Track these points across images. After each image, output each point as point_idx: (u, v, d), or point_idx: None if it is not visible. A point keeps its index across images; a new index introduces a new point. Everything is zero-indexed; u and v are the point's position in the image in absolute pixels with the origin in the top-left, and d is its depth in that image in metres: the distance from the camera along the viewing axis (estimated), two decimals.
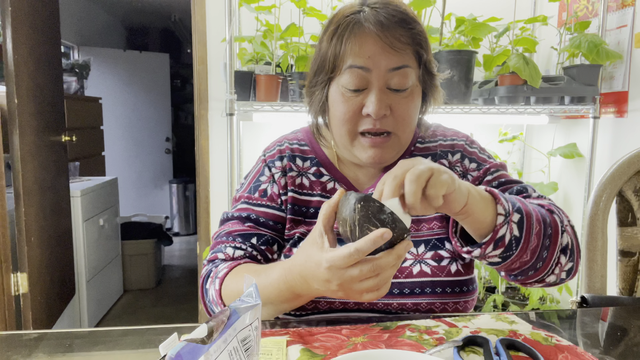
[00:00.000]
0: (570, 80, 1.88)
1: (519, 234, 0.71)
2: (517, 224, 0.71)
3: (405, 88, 0.79)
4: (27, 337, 0.71)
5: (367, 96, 0.78)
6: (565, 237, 0.76)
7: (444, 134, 0.93)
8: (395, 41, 0.76)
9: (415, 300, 0.82)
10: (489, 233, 0.71)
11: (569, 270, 0.78)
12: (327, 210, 0.65)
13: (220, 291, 0.78)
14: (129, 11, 5.01)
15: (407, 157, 0.90)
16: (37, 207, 2.17)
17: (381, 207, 0.60)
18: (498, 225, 0.70)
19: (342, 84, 0.79)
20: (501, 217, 0.70)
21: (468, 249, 0.73)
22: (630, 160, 1.01)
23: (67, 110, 2.90)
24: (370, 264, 0.60)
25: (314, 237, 0.66)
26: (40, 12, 2.30)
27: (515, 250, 0.71)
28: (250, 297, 0.50)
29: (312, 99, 0.86)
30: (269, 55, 1.91)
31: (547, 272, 0.76)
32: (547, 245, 0.74)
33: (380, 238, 0.58)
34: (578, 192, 2.10)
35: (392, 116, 0.79)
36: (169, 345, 0.41)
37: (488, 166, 0.88)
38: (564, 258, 0.76)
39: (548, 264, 0.75)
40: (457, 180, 0.66)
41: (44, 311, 2.24)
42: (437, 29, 1.93)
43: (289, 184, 0.89)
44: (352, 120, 0.80)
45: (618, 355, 0.67)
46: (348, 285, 0.62)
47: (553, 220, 0.76)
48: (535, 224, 0.72)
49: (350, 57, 0.77)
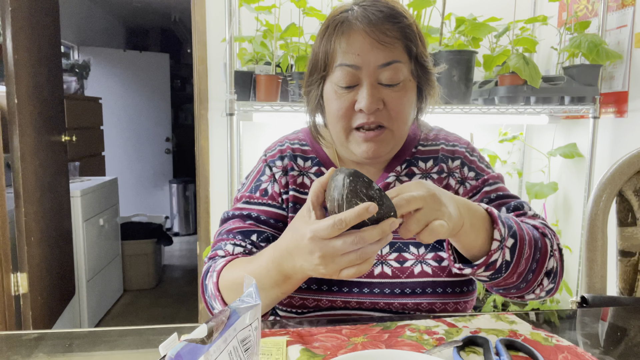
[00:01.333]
0: (570, 80, 1.88)
1: (510, 258, 0.72)
2: (510, 249, 0.72)
3: (397, 83, 0.79)
4: (27, 337, 0.71)
5: (359, 92, 0.79)
6: (552, 261, 0.77)
7: (446, 138, 0.94)
8: (383, 36, 0.77)
9: (416, 300, 0.82)
10: (480, 254, 0.72)
11: (549, 290, 0.80)
12: (316, 187, 0.65)
13: (218, 283, 0.78)
14: (129, 11, 5.01)
15: (408, 159, 0.90)
16: (37, 207, 2.17)
17: (370, 183, 0.60)
18: (492, 250, 0.70)
19: (334, 81, 0.80)
20: (496, 242, 0.71)
21: (460, 267, 0.73)
22: (630, 160, 1.01)
23: (67, 110, 2.90)
24: (353, 236, 0.59)
25: (302, 213, 0.66)
26: (40, 12, 2.30)
27: (504, 274, 0.73)
28: (250, 297, 0.50)
29: (309, 97, 0.87)
30: (269, 55, 1.91)
31: (528, 292, 0.78)
32: (534, 269, 0.75)
33: (365, 211, 0.58)
34: (578, 192, 2.10)
35: (385, 110, 0.80)
36: (169, 345, 0.41)
37: (486, 177, 0.89)
38: (547, 280, 0.78)
39: (531, 285, 0.77)
40: (456, 214, 0.66)
41: (44, 311, 2.24)
42: (437, 29, 1.93)
43: (290, 183, 0.89)
44: (345, 116, 0.81)
45: (618, 355, 0.67)
46: (330, 257, 0.60)
47: (544, 244, 0.77)
48: (527, 249, 0.73)
49: (340, 55, 0.79)
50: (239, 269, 0.76)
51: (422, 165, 0.90)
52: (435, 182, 0.89)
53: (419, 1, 1.74)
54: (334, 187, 0.62)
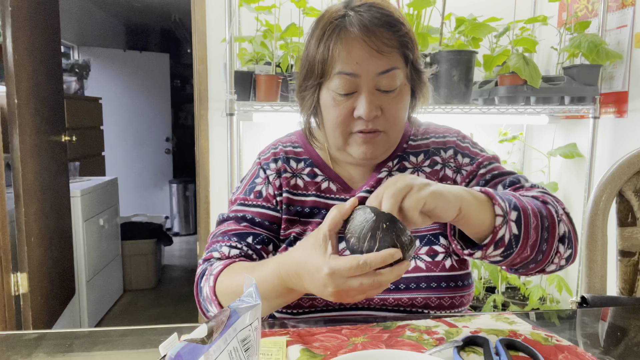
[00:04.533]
0: (570, 80, 1.88)
1: (517, 231, 0.71)
2: (515, 222, 0.71)
3: (394, 89, 0.80)
4: (27, 337, 0.71)
5: (358, 99, 0.80)
6: (562, 226, 0.76)
7: (435, 131, 0.94)
8: (382, 45, 0.77)
9: (411, 295, 0.83)
10: (488, 234, 0.71)
11: (569, 257, 0.78)
12: (336, 216, 0.65)
13: (215, 288, 0.78)
14: (129, 11, 5.01)
15: (399, 154, 0.91)
16: (37, 207, 2.17)
17: (404, 230, 0.61)
18: (497, 226, 0.70)
19: (332, 88, 0.80)
20: (499, 218, 0.70)
21: (470, 251, 0.73)
22: (630, 160, 1.01)
23: (67, 110, 2.90)
24: (371, 279, 0.60)
25: (317, 240, 0.66)
26: (40, 12, 2.30)
27: (515, 248, 0.71)
28: (250, 297, 0.50)
29: (304, 102, 0.87)
30: (269, 55, 1.91)
31: (547, 263, 0.77)
32: (546, 238, 0.74)
33: (391, 257, 0.60)
34: (578, 192, 2.10)
35: (383, 116, 0.81)
36: (169, 345, 0.41)
37: (480, 159, 0.89)
38: (563, 247, 0.76)
39: (548, 255, 0.75)
40: (444, 192, 0.66)
41: (44, 311, 2.24)
42: (437, 29, 1.93)
43: (283, 185, 0.90)
44: (344, 123, 0.81)
45: (618, 355, 0.67)
46: (344, 293, 0.62)
47: (548, 211, 0.76)
48: (533, 218, 0.72)
49: (339, 63, 0.78)
50: (238, 276, 0.76)
51: (414, 160, 0.91)
52: (428, 175, 0.90)
53: (419, 1, 1.74)
54: (365, 225, 0.62)
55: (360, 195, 0.88)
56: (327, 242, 0.65)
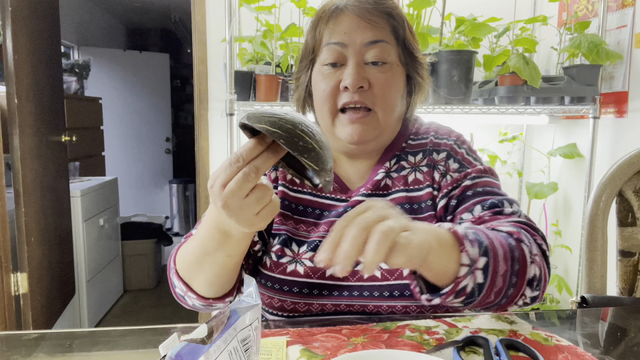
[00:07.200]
0: (570, 80, 1.88)
1: (483, 280, 0.64)
2: (482, 269, 0.64)
3: (383, 62, 0.81)
4: (27, 337, 0.71)
5: (345, 70, 0.81)
6: (533, 268, 0.69)
7: (436, 131, 0.92)
8: (369, 15, 0.81)
9: (405, 303, 0.81)
10: (449, 282, 0.64)
11: (534, 298, 0.72)
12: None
13: (175, 256, 0.77)
14: (129, 11, 5.01)
15: (398, 154, 0.90)
16: (37, 207, 2.16)
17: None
18: (460, 277, 0.62)
19: (321, 62, 0.83)
20: (464, 268, 0.62)
21: (428, 297, 0.65)
22: (630, 160, 1.01)
23: (67, 110, 2.90)
24: (248, 167, 0.53)
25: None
26: (40, 12, 2.30)
27: (477, 297, 0.65)
28: (250, 297, 0.50)
29: (298, 84, 0.90)
30: (269, 55, 1.91)
31: (510, 305, 0.71)
32: (514, 282, 0.67)
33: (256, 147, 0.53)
34: (578, 192, 2.10)
35: (370, 90, 0.81)
36: (169, 345, 0.41)
37: (470, 170, 0.85)
38: (530, 290, 0.70)
39: (513, 299, 0.69)
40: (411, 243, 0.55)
41: (44, 311, 2.24)
42: (437, 29, 1.93)
43: (279, 178, 0.90)
44: (331, 96, 0.82)
45: (618, 355, 0.67)
46: (231, 194, 0.53)
47: (521, 252, 0.68)
48: (502, 264, 0.65)
49: (328, 35, 0.82)
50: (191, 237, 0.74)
51: (412, 159, 0.89)
52: (424, 175, 0.87)
53: (419, 1, 1.74)
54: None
55: (356, 199, 0.87)
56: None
